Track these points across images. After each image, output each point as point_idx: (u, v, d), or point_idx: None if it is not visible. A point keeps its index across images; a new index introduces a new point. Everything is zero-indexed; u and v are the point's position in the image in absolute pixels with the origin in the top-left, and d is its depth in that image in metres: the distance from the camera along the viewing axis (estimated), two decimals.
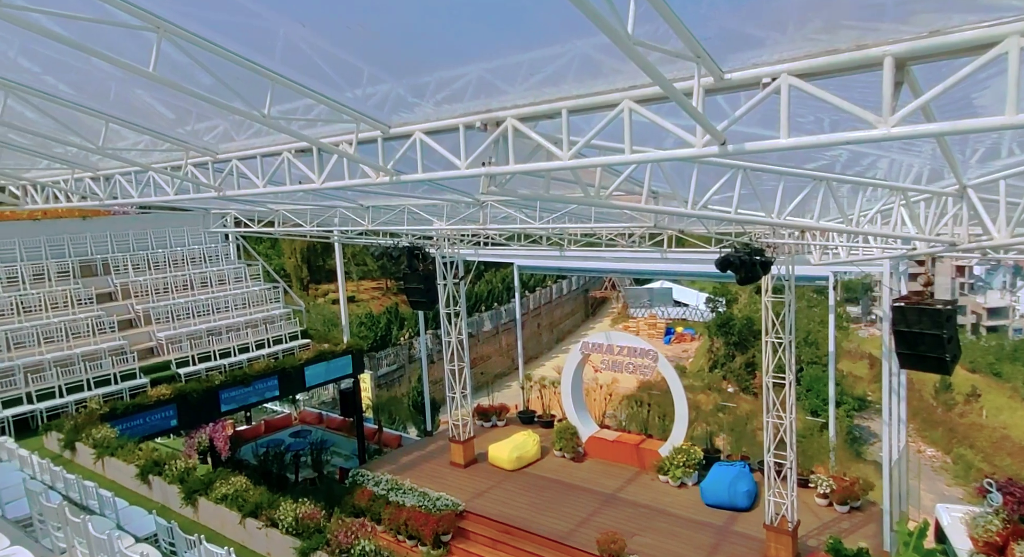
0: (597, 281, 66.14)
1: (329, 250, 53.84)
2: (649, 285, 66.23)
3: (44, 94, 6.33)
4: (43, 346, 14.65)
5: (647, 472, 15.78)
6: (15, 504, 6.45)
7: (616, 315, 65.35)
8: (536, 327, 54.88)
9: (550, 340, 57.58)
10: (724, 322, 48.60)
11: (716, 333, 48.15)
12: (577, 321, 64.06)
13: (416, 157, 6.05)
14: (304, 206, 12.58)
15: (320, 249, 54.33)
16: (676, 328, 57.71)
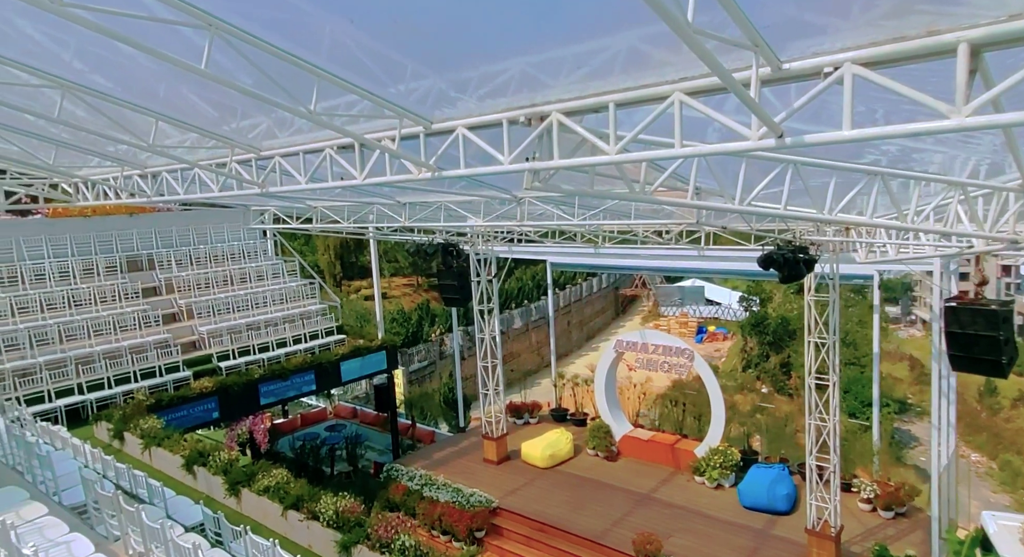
0: (627, 279, 65.56)
1: (361, 247, 54.53)
2: (680, 283, 65.38)
3: (99, 93, 6.51)
4: (93, 338, 15.16)
5: (682, 473, 15.56)
6: (71, 491, 6.65)
7: (646, 313, 64.71)
8: (566, 325, 54.66)
9: (580, 338, 57.31)
10: (758, 321, 47.68)
11: (750, 332, 47.27)
12: (607, 319, 63.60)
13: (458, 153, 6.05)
14: (342, 203, 12.72)
15: (352, 246, 54.94)
16: (708, 327, 56.85)
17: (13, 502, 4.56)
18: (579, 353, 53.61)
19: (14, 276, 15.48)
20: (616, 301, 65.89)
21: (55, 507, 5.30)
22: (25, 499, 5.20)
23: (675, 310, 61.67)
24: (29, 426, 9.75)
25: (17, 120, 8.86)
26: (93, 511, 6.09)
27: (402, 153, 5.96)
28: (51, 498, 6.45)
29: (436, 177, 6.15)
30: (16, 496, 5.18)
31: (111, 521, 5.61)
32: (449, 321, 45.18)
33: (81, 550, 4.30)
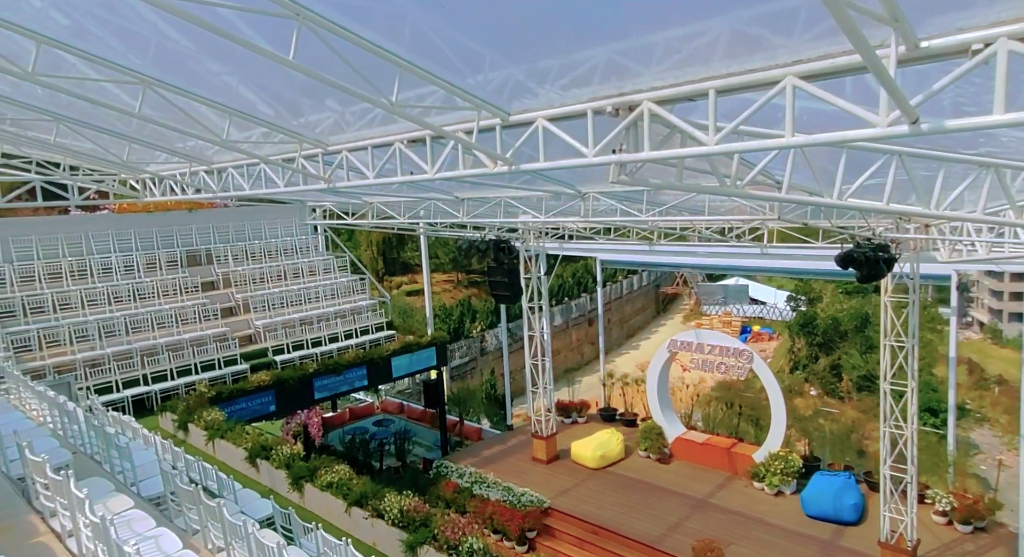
0: (668, 277, 64.47)
1: (404, 243, 54.97)
2: (723, 281, 63.90)
3: (177, 88, 6.56)
4: (156, 331, 15.58)
5: (740, 478, 15.06)
6: (148, 483, 6.73)
7: (688, 312, 63.46)
8: (606, 322, 53.98)
9: (620, 336, 56.60)
10: (807, 322, 46.23)
11: (798, 333, 45.86)
12: (647, 317, 62.67)
13: (537, 146, 5.85)
14: (398, 198, 12.70)
15: (394, 241, 55.40)
16: (753, 327, 55.35)
17: (101, 494, 4.55)
18: (619, 351, 52.96)
19: (84, 270, 16.03)
20: (657, 299, 64.86)
21: (138, 500, 5.33)
22: (111, 491, 5.24)
23: (718, 309, 60.27)
24: (101, 415, 9.99)
25: (93, 117, 9.08)
26: (172, 504, 6.12)
27: (480, 147, 5.79)
28: (131, 489, 6.52)
29: (513, 171, 5.97)
30: (103, 487, 5.22)
31: (190, 514, 5.61)
32: (490, 318, 45.22)
33: (169, 545, 4.28)
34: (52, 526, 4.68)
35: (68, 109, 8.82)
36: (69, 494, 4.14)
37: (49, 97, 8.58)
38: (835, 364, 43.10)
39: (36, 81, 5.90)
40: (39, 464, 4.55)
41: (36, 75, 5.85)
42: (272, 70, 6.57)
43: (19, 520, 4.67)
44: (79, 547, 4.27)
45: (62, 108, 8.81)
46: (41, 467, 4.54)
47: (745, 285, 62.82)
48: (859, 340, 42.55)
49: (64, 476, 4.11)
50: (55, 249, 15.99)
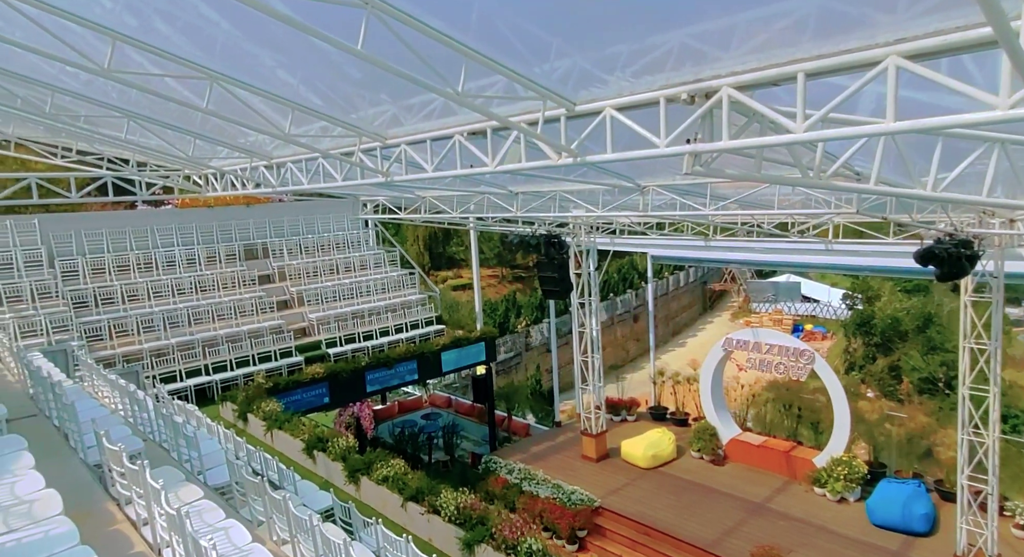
0: (715, 273, 62.92)
1: (449, 237, 55.31)
2: (774, 278, 61.92)
3: (242, 83, 6.62)
4: (216, 322, 16.06)
5: (799, 483, 14.50)
6: (213, 472, 6.86)
7: (736, 309, 61.73)
8: None
9: (666, 333, 55.58)
10: (864, 321, 44.34)
11: (854, 332, 44.07)
12: (694, 314, 61.35)
13: (601, 137, 5.65)
14: (451, 192, 12.67)
15: (440, 236, 55.71)
16: (805, 325, 53.40)
17: (172, 483, 4.61)
18: (665, 348, 52.04)
19: (149, 262, 16.65)
20: (704, 296, 63.39)
21: (206, 490, 5.40)
22: (181, 480, 5.32)
23: (768, 306, 58.42)
24: (167, 404, 10.28)
25: (159, 114, 9.33)
26: (237, 495, 6.20)
27: (546, 138, 5.62)
28: (198, 478, 6.65)
29: (578, 163, 5.78)
30: (173, 477, 5.31)
31: (255, 506, 5.66)
32: (535, 313, 45.05)
33: (239, 538, 4.29)
34: (128, 514, 4.77)
35: (136, 106, 9.09)
36: (145, 484, 4.19)
37: (119, 95, 8.87)
38: (894, 365, 41.25)
39: (111, 77, 6.03)
40: (116, 453, 4.64)
41: (111, 71, 5.99)
42: (326, 66, 6.60)
43: (97, 507, 4.79)
44: (154, 536, 4.32)
45: (130, 105, 9.10)
46: (118, 456, 4.63)
47: (797, 282, 60.74)
48: (921, 341, 40.61)
49: (140, 467, 4.16)
50: (123, 243, 16.65)
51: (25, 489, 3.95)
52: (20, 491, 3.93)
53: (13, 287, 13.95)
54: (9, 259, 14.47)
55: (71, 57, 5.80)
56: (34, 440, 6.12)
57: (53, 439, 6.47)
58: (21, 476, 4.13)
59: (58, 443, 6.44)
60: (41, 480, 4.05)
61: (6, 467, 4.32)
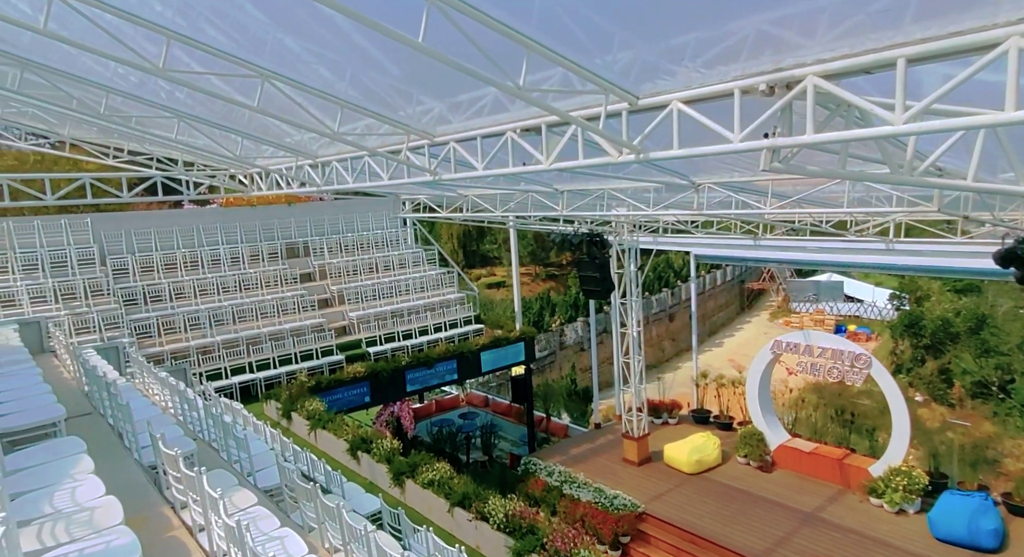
0: (753, 271, 61.49)
1: (483, 235, 55.29)
2: (815, 277, 60.15)
3: (293, 81, 6.53)
4: (260, 320, 16.23)
5: (853, 492, 13.89)
6: (262, 474, 6.80)
7: (775, 309, 60.22)
8: (688, 318, 52.04)
9: (702, 332, 54.43)
10: (913, 322, 42.69)
11: (901, 334, 42.47)
12: (731, 314, 60.08)
13: (664, 132, 5.36)
14: (494, 191, 12.48)
15: (475, 234, 55.72)
16: (848, 326, 51.72)
17: (226, 487, 4.50)
18: (702, 348, 51.02)
19: (195, 261, 16.93)
20: (741, 295, 61.99)
21: (259, 495, 5.31)
22: (234, 485, 5.25)
23: (809, 306, 56.76)
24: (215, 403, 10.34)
25: (208, 114, 9.37)
26: (288, 498, 6.11)
27: (605, 133, 5.35)
28: (248, 480, 6.59)
29: (640, 160, 5.50)
30: (226, 481, 5.24)
31: (308, 513, 5.55)
32: (569, 312, 44.64)
33: (295, 548, 4.17)
34: (183, 519, 4.69)
35: (184, 107, 9.14)
36: (202, 492, 4.08)
37: (167, 95, 8.93)
38: (943, 368, 39.66)
39: (166, 76, 6.00)
40: (172, 458, 4.55)
41: (166, 70, 5.96)
42: (368, 64, 6.47)
43: (154, 511, 4.73)
44: (210, 544, 4.22)
45: (178, 105, 9.15)
46: (174, 461, 4.54)
47: (840, 281, 58.99)
48: (973, 343, 38.95)
49: (197, 473, 4.05)
50: (171, 241, 16.96)
51: (86, 495, 3.88)
52: (81, 497, 3.87)
53: (67, 285, 14.31)
54: (64, 257, 14.86)
55: (127, 56, 5.78)
56: (90, 440, 6.13)
57: (108, 439, 6.49)
58: (82, 481, 4.08)
59: (112, 443, 6.46)
60: (101, 486, 3.98)
61: (66, 471, 4.28)
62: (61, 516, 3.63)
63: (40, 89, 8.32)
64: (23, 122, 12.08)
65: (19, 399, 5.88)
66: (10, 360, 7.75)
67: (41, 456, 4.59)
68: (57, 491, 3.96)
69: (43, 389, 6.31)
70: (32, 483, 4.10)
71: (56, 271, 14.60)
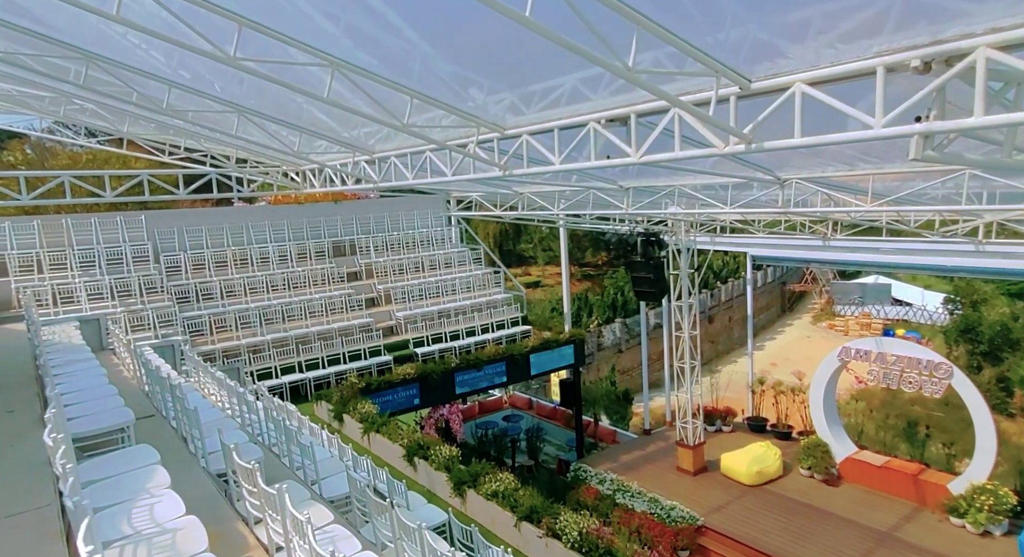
0: (795, 273, 59.65)
1: (519, 235, 54.93)
2: (860, 279, 57.98)
3: (363, 70, 6.19)
4: (308, 319, 16.10)
5: (931, 511, 12.99)
6: (328, 483, 6.48)
7: (817, 311, 58.28)
8: (727, 321, 50.85)
9: (742, 335, 53.03)
10: (969, 327, 40.69)
11: (956, 340, 40.51)
12: (772, 316, 58.34)
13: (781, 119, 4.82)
14: (552, 188, 12.00)
15: (511, 233, 55.38)
16: (896, 330, 49.63)
17: (298, 502, 4.12)
18: (742, 351, 49.70)
19: (245, 259, 16.90)
20: (782, 296, 60.17)
21: (333, 511, 4.95)
22: (307, 499, 4.91)
23: (854, 309, 54.68)
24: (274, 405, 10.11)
25: (270, 109, 9.14)
26: (358, 513, 5.76)
27: (715, 120, 4.83)
28: (315, 490, 6.27)
29: (754, 151, 4.96)
30: (298, 494, 4.92)
31: (382, 530, 5.17)
32: (607, 313, 43.81)
33: None
34: (259, 537, 4.34)
35: (244, 100, 8.92)
36: (283, 510, 3.72)
37: (223, 90, 8.71)
38: (1002, 376, 37.67)
39: (237, 66, 5.71)
40: (248, 471, 4.21)
41: (237, 59, 5.67)
42: (437, 51, 6.09)
43: (227, 527, 4.41)
44: None
45: (237, 99, 8.93)
46: (251, 475, 4.20)
47: (887, 284, 56.82)
48: None
49: (279, 492, 3.68)
50: (221, 239, 16.97)
51: (166, 514, 3.57)
52: (160, 516, 3.55)
53: (123, 282, 14.38)
54: (119, 254, 14.95)
55: (199, 44, 5.50)
56: (157, 445, 5.89)
57: (172, 443, 6.24)
58: (159, 497, 3.77)
59: (177, 447, 6.20)
60: (180, 504, 3.66)
61: (142, 484, 3.98)
62: (142, 538, 3.31)
63: (102, 85, 8.18)
64: (83, 119, 12.11)
65: (88, 401, 5.67)
66: (74, 359, 7.62)
67: (115, 465, 4.31)
68: (135, 507, 3.65)
69: (110, 390, 6.10)
70: (109, 497, 3.81)
71: (112, 268, 14.69)
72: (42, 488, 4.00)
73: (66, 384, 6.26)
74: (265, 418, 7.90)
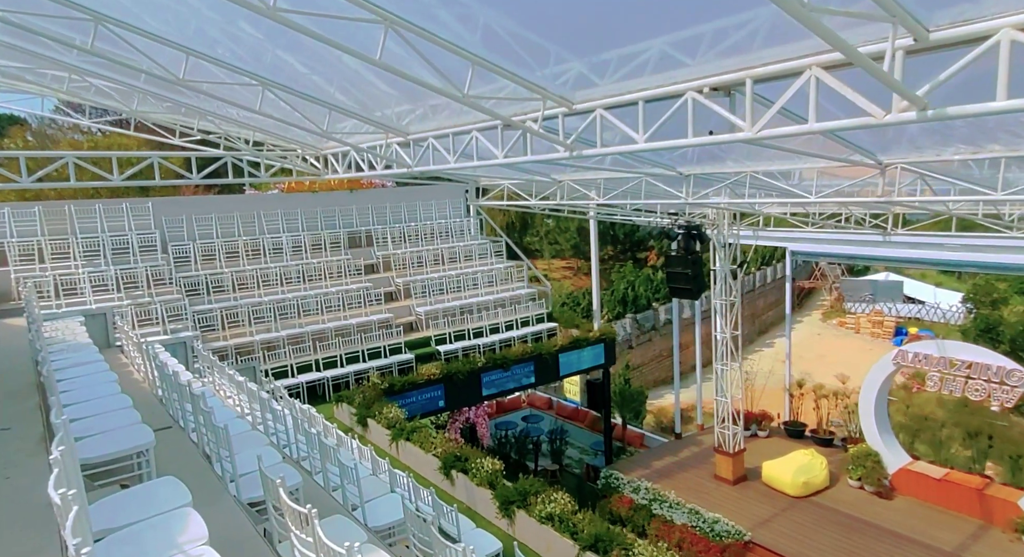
0: (804, 269, 58.83)
1: (526, 228, 53.96)
2: (871, 276, 57.04)
3: (420, 29, 5.22)
4: (325, 314, 15.15)
5: (1001, 530, 12.07)
6: (373, 508, 5.54)
7: (827, 308, 57.34)
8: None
9: (751, 332, 52.14)
10: (990, 327, 39.79)
11: (975, 339, 39.68)
12: (780, 313, 57.24)
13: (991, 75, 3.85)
14: (597, 175, 11.01)
15: (517, 226, 54.47)
16: (909, 329, 48.67)
17: (351, 543, 3.10)
18: (752, 348, 48.84)
19: (257, 249, 15.95)
20: (792, 293, 59.02)
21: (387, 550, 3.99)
22: (362, 540, 3.97)
23: (865, 307, 53.70)
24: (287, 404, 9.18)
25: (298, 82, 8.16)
26: (416, 551, 4.82)
27: (891, 78, 3.83)
28: (358, 518, 5.33)
29: (929, 119, 3.97)
30: (346, 531, 4.01)
31: None
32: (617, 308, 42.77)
33: None
34: None
35: (273, 72, 7.96)
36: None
37: (254, 59, 7.74)
38: None
39: (277, 18, 4.75)
40: (300, 515, 3.27)
41: (277, 10, 4.71)
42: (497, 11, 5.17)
43: None
44: None
45: (265, 71, 7.97)
46: (303, 520, 3.25)
47: (899, 281, 55.91)
48: None
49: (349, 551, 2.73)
50: (231, 228, 16.01)
51: None
52: None
53: (129, 273, 13.42)
54: (125, 244, 13.99)
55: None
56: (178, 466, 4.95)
57: (195, 463, 5.31)
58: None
59: (201, 468, 5.27)
60: None
61: (172, 538, 3.03)
62: None
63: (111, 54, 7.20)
64: (88, 98, 11.14)
65: (99, 415, 4.73)
66: (81, 360, 6.68)
67: (135, 508, 3.37)
68: None
69: (123, 402, 5.16)
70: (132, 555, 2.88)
71: (117, 258, 13.74)
72: (43, 540, 3.08)
73: (73, 393, 5.32)
74: (294, 428, 6.97)
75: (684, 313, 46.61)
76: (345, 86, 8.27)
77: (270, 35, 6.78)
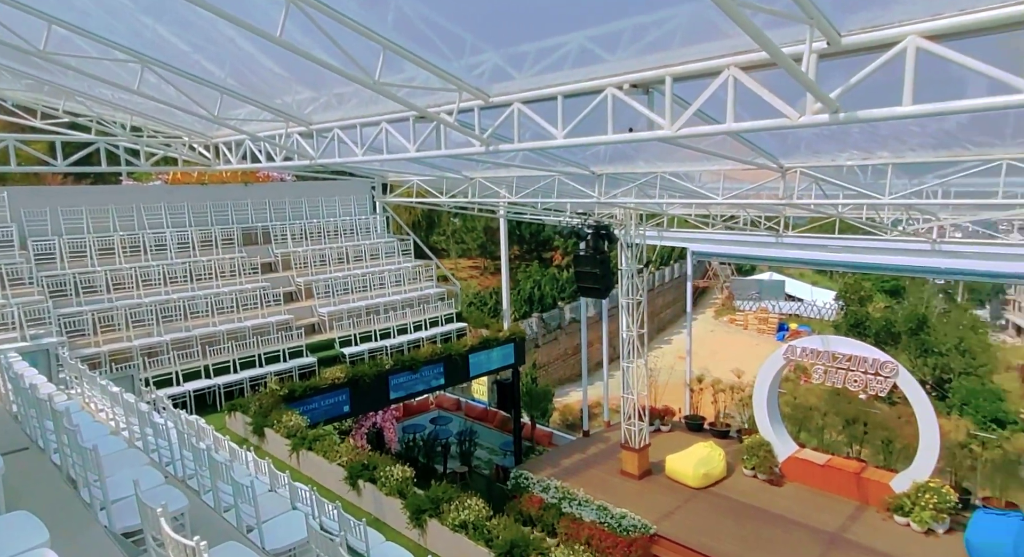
0: (697, 269, 62.64)
1: (432, 226, 53.33)
2: (757, 275, 61.78)
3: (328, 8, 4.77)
4: (216, 316, 13.97)
5: (875, 510, 13.17)
6: (271, 529, 5.03)
7: (719, 306, 61.32)
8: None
9: (651, 330, 54.54)
10: (858, 322, 44.14)
11: (847, 333, 43.97)
12: (677, 311, 60.71)
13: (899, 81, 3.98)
14: (510, 173, 10.87)
15: (424, 224, 53.74)
16: (790, 325, 53.11)
17: None
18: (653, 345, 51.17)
19: (136, 246, 14.45)
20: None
21: None
22: None
23: (752, 305, 57.97)
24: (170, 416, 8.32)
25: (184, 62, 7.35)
26: None
27: (809, 80, 3.88)
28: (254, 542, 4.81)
29: (845, 121, 4.07)
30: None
31: None
32: (524, 307, 43.25)
33: None
34: None
35: (156, 50, 7.11)
36: None
37: (134, 35, 6.88)
38: None
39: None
40: (182, 548, 2.80)
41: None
42: None
43: None
44: None
45: (147, 48, 7.11)
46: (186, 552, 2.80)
47: (781, 280, 60.88)
48: (914, 344, 40.62)
49: None
50: (106, 222, 14.40)
51: None
52: None
53: None
54: None
55: None
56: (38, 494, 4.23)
57: (57, 489, 4.56)
58: None
59: (64, 496, 4.54)
60: None
61: None
62: None
63: None
64: None
65: None
66: None
67: None
68: None
69: None
70: None
71: None
72: None
73: None
74: (179, 443, 6.23)
75: (589, 312, 47.77)
76: (239, 69, 7.55)
77: (150, 8, 6.03)
